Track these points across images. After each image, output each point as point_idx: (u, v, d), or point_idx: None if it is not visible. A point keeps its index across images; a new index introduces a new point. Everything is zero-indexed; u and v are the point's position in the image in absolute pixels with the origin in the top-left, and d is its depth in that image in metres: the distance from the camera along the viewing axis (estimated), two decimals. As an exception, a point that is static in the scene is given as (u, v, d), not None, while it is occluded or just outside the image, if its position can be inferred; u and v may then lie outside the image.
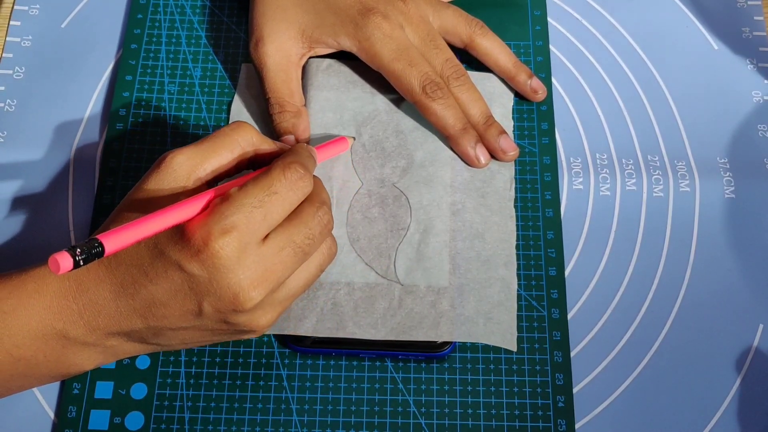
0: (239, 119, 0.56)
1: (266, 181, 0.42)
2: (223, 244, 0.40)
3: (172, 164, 0.44)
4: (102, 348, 0.44)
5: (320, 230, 0.44)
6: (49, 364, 0.44)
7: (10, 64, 0.58)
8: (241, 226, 0.40)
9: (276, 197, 0.42)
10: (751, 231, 0.53)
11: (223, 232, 0.40)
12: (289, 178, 0.43)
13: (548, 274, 0.51)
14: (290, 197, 0.43)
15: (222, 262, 0.40)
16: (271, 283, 0.42)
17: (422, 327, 0.48)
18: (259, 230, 0.41)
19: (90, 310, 0.42)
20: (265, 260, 0.41)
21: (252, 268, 0.41)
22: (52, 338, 0.43)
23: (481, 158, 0.53)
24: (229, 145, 0.45)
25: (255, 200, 0.41)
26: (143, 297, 0.42)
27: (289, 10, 0.54)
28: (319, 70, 0.56)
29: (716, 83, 0.58)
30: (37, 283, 0.42)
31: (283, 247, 0.42)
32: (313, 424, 0.47)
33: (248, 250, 0.41)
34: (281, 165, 0.43)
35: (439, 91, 0.52)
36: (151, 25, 0.59)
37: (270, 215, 0.42)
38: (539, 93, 0.56)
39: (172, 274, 0.41)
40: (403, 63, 0.52)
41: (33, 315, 0.42)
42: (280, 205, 0.42)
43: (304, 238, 0.43)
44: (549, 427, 0.47)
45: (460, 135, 0.52)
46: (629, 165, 0.55)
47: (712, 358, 0.49)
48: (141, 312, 0.42)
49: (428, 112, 0.52)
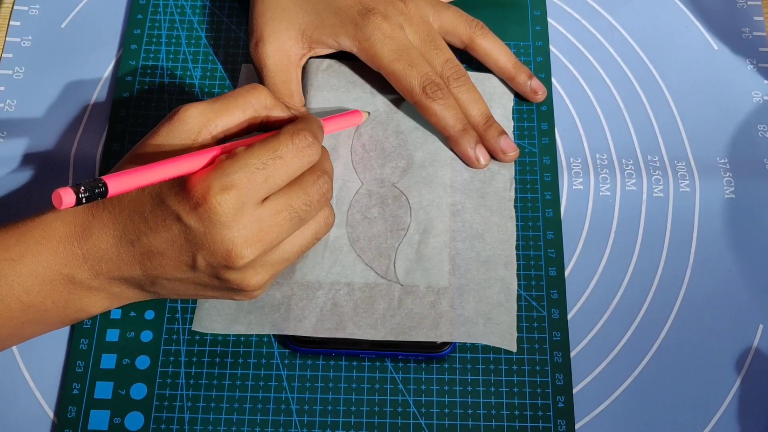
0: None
1: (273, 144, 0.43)
2: (221, 200, 0.41)
3: (183, 117, 0.44)
4: (107, 293, 0.45)
5: (318, 198, 0.44)
6: (58, 309, 0.45)
7: (10, 64, 0.58)
8: (241, 185, 0.41)
9: (280, 162, 0.42)
10: (751, 231, 0.53)
11: (223, 188, 0.41)
12: (296, 145, 0.43)
13: (548, 274, 0.51)
14: (294, 163, 0.43)
15: (218, 218, 0.41)
16: (265, 244, 0.42)
17: (422, 327, 0.48)
18: (259, 191, 0.42)
19: (94, 255, 0.43)
20: (261, 221, 0.42)
21: (247, 227, 0.42)
22: (60, 283, 0.44)
23: (481, 159, 0.53)
24: (242, 105, 0.45)
25: (259, 162, 0.42)
26: (143, 245, 0.43)
27: (289, 10, 0.54)
28: (319, 71, 0.56)
29: (716, 83, 0.58)
30: (43, 230, 0.44)
31: (280, 211, 0.43)
32: (313, 425, 0.47)
33: (245, 209, 0.41)
34: (291, 130, 0.43)
35: (439, 91, 0.52)
36: (151, 26, 0.59)
37: (272, 178, 0.42)
38: (539, 94, 0.56)
39: (171, 224, 0.42)
40: (403, 63, 0.52)
41: (40, 261, 0.43)
42: (283, 170, 0.43)
43: (302, 203, 0.43)
44: (549, 427, 0.47)
45: (459, 136, 0.52)
46: (629, 165, 0.55)
47: (712, 358, 0.49)
48: (140, 259, 0.43)
49: (428, 113, 0.52)
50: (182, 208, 0.41)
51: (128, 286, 0.45)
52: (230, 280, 0.43)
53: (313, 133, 0.44)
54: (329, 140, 0.53)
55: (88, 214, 0.44)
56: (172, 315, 0.50)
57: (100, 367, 0.48)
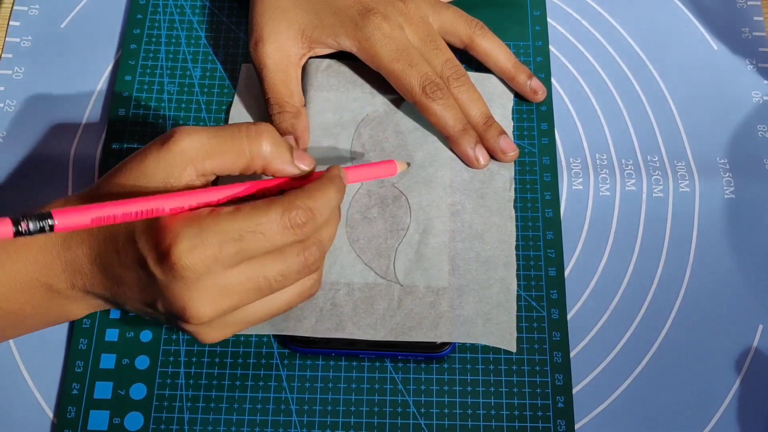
0: (239, 120, 0.55)
1: (257, 215, 0.39)
2: (186, 261, 0.38)
3: (175, 147, 0.41)
4: (85, 303, 0.45)
5: (299, 269, 0.41)
6: (38, 315, 0.44)
7: (9, 65, 0.58)
8: (209, 251, 0.38)
9: (260, 237, 0.39)
10: (751, 231, 0.53)
11: (191, 249, 0.38)
12: (283, 223, 0.39)
13: (548, 274, 0.51)
14: (276, 241, 0.40)
15: (180, 274, 0.38)
16: (225, 308, 0.40)
17: (421, 327, 0.48)
18: (230, 261, 0.39)
19: (71, 269, 0.43)
20: (226, 286, 0.40)
21: (209, 289, 0.39)
22: (38, 290, 0.43)
23: (481, 159, 0.53)
24: (238, 149, 0.42)
25: (236, 232, 0.39)
26: (112, 273, 0.42)
27: (289, 10, 0.54)
28: (318, 71, 0.56)
29: (716, 83, 0.58)
30: (24, 238, 0.41)
31: (250, 278, 0.40)
32: (313, 425, 0.47)
33: (211, 273, 0.39)
34: (284, 206, 0.40)
35: (438, 91, 0.52)
36: (151, 26, 0.59)
37: (245, 251, 0.39)
38: (539, 93, 0.56)
39: (137, 265, 0.40)
40: (402, 63, 0.52)
41: (20, 269, 0.43)
42: (261, 245, 0.39)
43: (277, 274, 0.41)
44: (549, 427, 0.47)
45: (459, 136, 0.52)
46: (629, 165, 0.55)
47: (712, 358, 0.49)
48: (109, 285, 0.42)
49: (428, 113, 0.52)
50: (149, 254, 0.39)
51: (102, 300, 0.44)
52: (186, 331, 0.42)
53: (312, 210, 0.40)
54: (329, 140, 0.53)
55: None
56: (171, 315, 0.50)
57: (100, 367, 0.48)
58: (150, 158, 0.41)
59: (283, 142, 0.43)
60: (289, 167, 0.43)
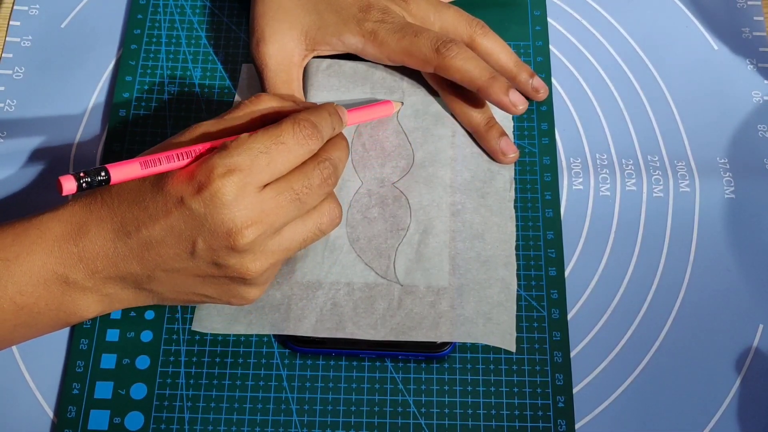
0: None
1: (275, 130, 0.44)
2: (225, 182, 0.41)
3: (193, 131, 0.46)
4: (100, 295, 0.45)
5: (320, 182, 0.45)
6: (50, 312, 0.45)
7: (9, 65, 0.58)
8: (243, 167, 0.42)
9: (282, 147, 0.43)
10: (751, 231, 0.53)
11: (227, 170, 0.41)
12: (297, 133, 0.44)
13: (548, 274, 0.51)
14: (296, 150, 0.44)
15: (220, 199, 0.41)
16: (265, 226, 0.43)
17: (422, 327, 0.48)
18: (262, 174, 0.42)
19: (89, 253, 0.44)
20: (263, 203, 0.43)
21: (249, 207, 0.42)
22: (53, 283, 0.44)
23: (519, 104, 0.51)
24: (249, 116, 0.47)
25: (262, 146, 0.43)
26: (141, 236, 0.43)
27: (291, 10, 0.54)
28: (319, 71, 0.56)
29: (716, 83, 0.58)
30: (39, 230, 0.44)
31: (280, 192, 0.43)
32: (313, 425, 0.47)
33: (247, 192, 0.42)
34: (293, 118, 0.44)
35: (453, 46, 0.51)
36: (151, 26, 0.59)
37: (274, 162, 0.43)
38: (541, 92, 0.56)
39: (172, 208, 0.42)
40: (409, 37, 0.52)
41: (35, 260, 0.43)
42: (285, 155, 0.43)
43: (302, 186, 0.44)
44: (549, 427, 0.47)
45: (489, 84, 0.51)
46: (629, 165, 0.55)
47: (712, 358, 0.49)
48: (137, 252, 0.43)
49: (450, 71, 0.51)
50: (185, 191, 0.42)
51: (123, 285, 0.45)
52: (229, 265, 0.43)
53: (315, 123, 0.45)
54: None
55: (85, 211, 0.44)
56: (172, 315, 0.50)
57: (100, 367, 0.48)
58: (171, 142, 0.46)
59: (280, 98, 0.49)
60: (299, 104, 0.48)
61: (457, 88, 0.53)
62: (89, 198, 0.44)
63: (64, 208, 0.45)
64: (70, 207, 0.44)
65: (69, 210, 0.44)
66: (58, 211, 0.44)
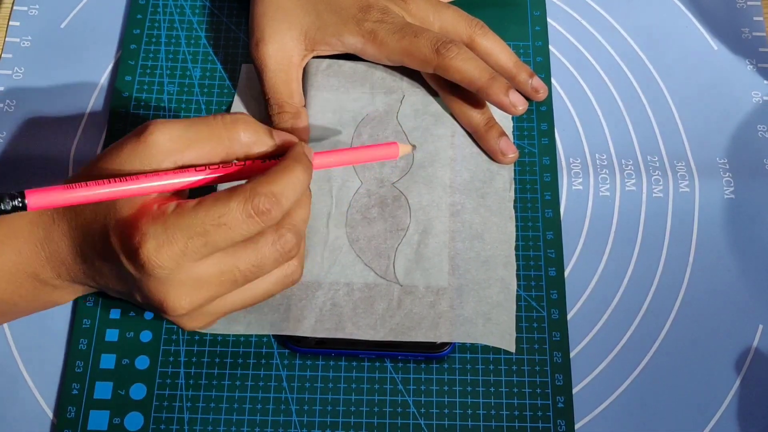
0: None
1: (219, 208, 0.39)
2: (155, 257, 0.39)
3: (150, 140, 0.41)
4: (72, 290, 0.46)
5: (275, 258, 0.41)
6: (27, 303, 0.46)
7: (9, 65, 0.58)
8: (176, 247, 0.39)
9: (224, 228, 0.39)
10: (751, 231, 0.53)
11: (158, 246, 0.39)
12: (246, 213, 0.39)
13: (548, 274, 0.51)
14: (241, 230, 0.39)
15: (152, 271, 0.39)
16: (202, 299, 0.41)
17: (421, 328, 0.48)
18: (197, 254, 0.39)
19: (54, 260, 0.44)
20: (200, 279, 0.40)
21: (183, 283, 0.40)
22: (26, 280, 0.44)
23: (518, 105, 0.51)
24: (216, 138, 0.42)
25: (200, 227, 0.39)
26: (92, 265, 0.43)
27: (291, 11, 0.54)
28: (318, 71, 0.56)
29: (716, 83, 0.58)
30: (9, 228, 0.44)
31: (223, 272, 0.40)
32: (313, 425, 0.47)
33: (181, 269, 0.40)
34: (245, 195, 0.39)
35: (453, 46, 0.51)
36: (151, 26, 0.59)
37: (212, 244, 0.39)
38: (540, 92, 0.56)
39: (113, 259, 0.41)
40: (408, 37, 0.52)
41: (6, 260, 0.43)
42: (227, 236, 0.39)
43: (251, 266, 0.41)
44: (549, 427, 0.47)
45: (488, 85, 0.51)
46: (629, 165, 0.55)
47: (712, 358, 0.49)
48: (91, 275, 0.44)
49: (449, 72, 0.51)
50: (121, 251, 0.40)
51: (89, 288, 0.46)
52: (168, 320, 0.44)
53: (276, 197, 0.39)
54: (329, 140, 0.53)
55: (49, 219, 0.43)
56: (171, 315, 0.50)
57: (100, 367, 0.48)
58: (125, 151, 0.41)
59: (261, 127, 0.43)
60: (270, 146, 0.43)
61: (457, 88, 0.53)
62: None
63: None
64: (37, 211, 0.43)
65: (36, 213, 0.44)
66: (27, 213, 0.42)
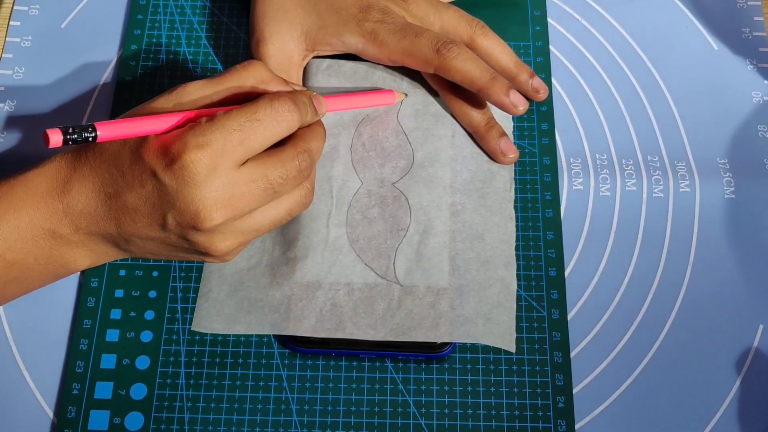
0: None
1: (251, 107, 0.43)
2: (195, 159, 0.41)
3: (182, 91, 0.45)
4: (87, 249, 0.46)
5: (296, 173, 0.44)
6: (40, 266, 0.45)
7: (9, 65, 0.58)
8: (216, 145, 0.41)
9: (257, 124, 0.43)
10: (751, 231, 0.53)
11: (198, 147, 0.41)
12: (275, 108, 0.43)
13: (548, 274, 0.51)
14: (273, 127, 0.43)
15: (191, 176, 0.41)
16: (235, 210, 0.43)
17: (421, 328, 0.48)
18: (235, 153, 0.42)
19: (74, 209, 0.44)
20: (234, 186, 0.42)
21: (219, 189, 0.42)
22: (42, 238, 0.44)
23: (519, 105, 0.51)
24: (238, 80, 0.46)
25: (236, 123, 0.42)
26: (119, 200, 0.43)
27: (291, 11, 0.54)
28: (319, 71, 0.56)
29: (716, 83, 0.58)
30: (26, 186, 0.44)
31: (254, 179, 0.43)
32: (313, 425, 0.47)
33: (219, 171, 0.42)
34: (270, 96, 0.44)
35: (454, 47, 0.51)
36: (151, 26, 0.59)
37: (248, 141, 0.42)
38: (541, 92, 0.56)
39: (146, 179, 0.42)
40: (409, 37, 0.52)
41: (23, 216, 0.44)
42: (260, 133, 0.43)
43: (278, 176, 0.44)
44: (549, 427, 0.47)
45: (489, 85, 0.51)
46: (629, 165, 0.55)
47: (712, 358, 0.49)
48: (115, 215, 0.44)
49: (450, 72, 0.52)
50: (158, 163, 0.42)
51: (106, 242, 0.46)
52: (197, 242, 0.44)
53: (295, 101, 0.44)
54: (330, 140, 0.53)
55: (69, 168, 0.44)
56: (172, 315, 0.50)
57: (100, 367, 0.48)
58: (160, 100, 0.45)
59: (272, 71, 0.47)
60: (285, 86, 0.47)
61: (458, 88, 0.53)
62: (74, 154, 0.45)
63: (49, 163, 0.45)
64: (56, 162, 0.45)
65: (54, 165, 0.45)
66: (44, 167, 0.45)
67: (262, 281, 0.50)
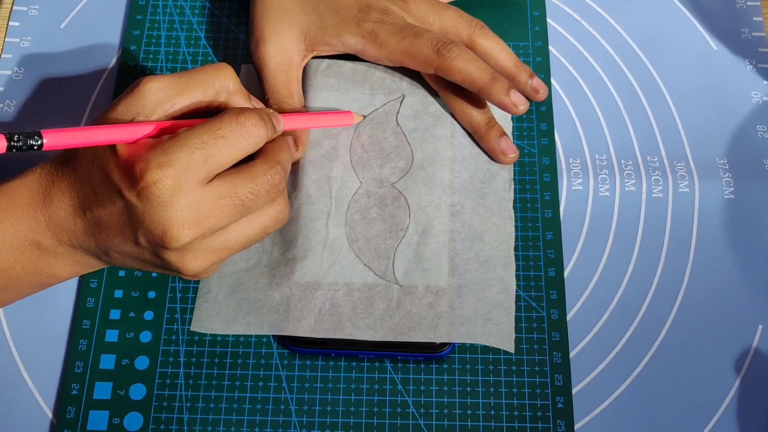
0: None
1: (215, 123, 0.42)
2: (158, 179, 0.40)
3: (143, 90, 0.44)
4: (73, 260, 0.46)
5: (268, 189, 0.43)
6: (28, 275, 0.45)
7: (9, 65, 0.58)
8: (178, 164, 0.41)
9: (222, 141, 0.42)
10: (750, 231, 0.53)
11: (160, 166, 0.40)
12: (241, 123, 0.42)
13: (547, 274, 0.51)
14: (239, 144, 0.42)
15: (155, 197, 0.41)
16: (203, 228, 0.42)
17: (421, 328, 0.48)
18: (199, 172, 0.41)
19: (55, 223, 0.44)
20: (201, 204, 0.42)
21: (186, 208, 0.41)
22: (27, 249, 0.44)
23: (519, 105, 0.51)
24: (203, 85, 0.45)
25: (199, 141, 0.41)
26: (93, 217, 0.43)
27: (291, 11, 0.54)
28: (318, 71, 0.56)
29: (716, 84, 0.58)
30: (9, 196, 0.44)
31: (223, 196, 0.42)
32: (313, 425, 0.47)
33: (183, 190, 0.41)
34: (236, 110, 0.43)
35: (454, 47, 0.51)
36: (151, 26, 0.59)
37: (212, 158, 0.41)
38: (540, 92, 0.56)
39: (115, 197, 0.42)
40: (409, 38, 0.52)
41: (7, 227, 0.44)
42: (225, 150, 0.42)
43: (248, 192, 0.43)
44: (548, 427, 0.47)
45: (490, 85, 0.51)
46: (628, 166, 0.55)
47: (711, 358, 0.49)
48: (92, 230, 0.43)
49: (451, 73, 0.51)
50: (123, 183, 0.41)
51: (89, 255, 0.45)
52: (169, 261, 0.43)
53: (260, 115, 0.43)
54: (329, 140, 0.53)
55: (48, 180, 0.44)
56: (171, 315, 0.50)
57: (99, 367, 0.48)
58: (120, 105, 0.44)
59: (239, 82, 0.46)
60: (248, 102, 0.47)
61: (458, 88, 0.53)
62: (53, 166, 0.45)
63: (30, 174, 0.45)
64: (37, 173, 0.45)
65: (35, 177, 0.45)
66: (25, 178, 0.45)
67: (261, 281, 0.50)
